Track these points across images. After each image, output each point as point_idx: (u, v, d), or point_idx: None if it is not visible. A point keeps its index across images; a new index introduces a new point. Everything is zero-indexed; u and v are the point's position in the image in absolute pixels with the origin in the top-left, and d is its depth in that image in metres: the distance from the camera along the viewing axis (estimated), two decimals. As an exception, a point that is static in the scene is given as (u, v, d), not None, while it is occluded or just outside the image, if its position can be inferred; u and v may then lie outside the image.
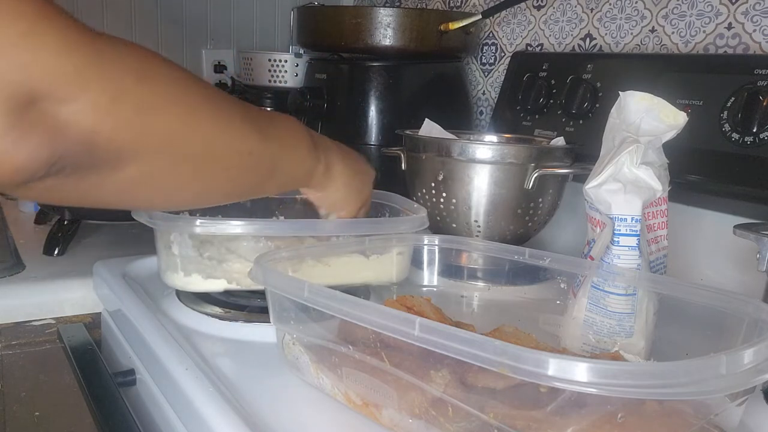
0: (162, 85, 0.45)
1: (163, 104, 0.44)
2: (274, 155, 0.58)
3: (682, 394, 0.38)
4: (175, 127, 0.45)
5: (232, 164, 0.53)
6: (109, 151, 0.41)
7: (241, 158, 0.53)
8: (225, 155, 0.51)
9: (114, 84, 0.40)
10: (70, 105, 0.38)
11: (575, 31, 1.09)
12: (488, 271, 0.79)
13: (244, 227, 0.67)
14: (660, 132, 0.62)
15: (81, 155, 0.40)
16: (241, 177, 0.55)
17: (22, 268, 0.87)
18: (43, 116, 0.37)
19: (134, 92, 0.42)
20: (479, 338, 0.40)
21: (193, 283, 0.69)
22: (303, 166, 0.63)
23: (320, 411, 0.54)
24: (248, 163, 0.55)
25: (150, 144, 0.44)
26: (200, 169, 0.50)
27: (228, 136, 0.51)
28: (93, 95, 0.39)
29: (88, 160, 0.40)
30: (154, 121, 0.44)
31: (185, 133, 0.47)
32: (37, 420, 0.82)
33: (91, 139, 0.39)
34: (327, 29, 1.13)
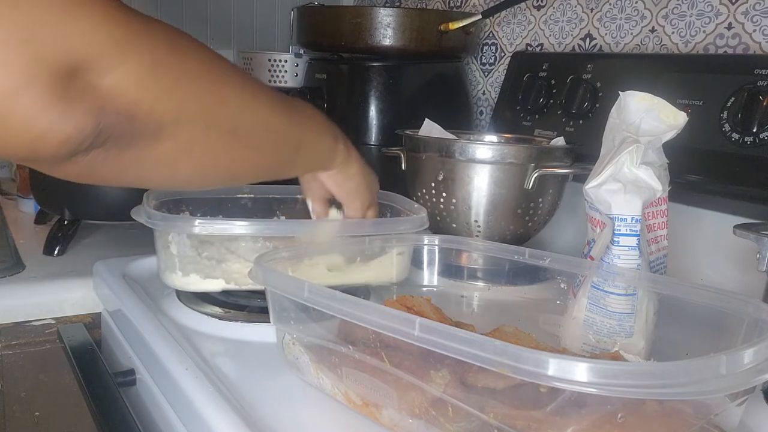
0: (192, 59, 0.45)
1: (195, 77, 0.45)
2: (299, 132, 0.59)
3: (682, 394, 0.38)
4: (207, 100, 0.46)
5: (260, 139, 0.53)
6: (149, 121, 0.42)
7: (269, 134, 0.54)
8: (253, 130, 0.52)
9: (151, 55, 0.41)
10: (111, 75, 0.38)
11: (575, 31, 1.09)
12: (488, 271, 0.79)
13: (243, 227, 0.67)
14: (660, 132, 0.62)
15: (123, 126, 0.40)
16: (269, 152, 0.56)
17: (22, 268, 0.87)
18: (86, 87, 0.37)
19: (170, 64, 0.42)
20: (479, 338, 0.40)
21: (191, 283, 0.69)
22: (326, 145, 0.64)
23: (320, 411, 0.54)
24: (276, 140, 0.56)
25: (185, 114, 0.44)
26: (232, 141, 0.50)
27: (256, 111, 0.52)
28: (133, 66, 0.39)
29: (129, 130, 0.41)
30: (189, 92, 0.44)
31: (217, 106, 0.47)
32: (37, 420, 0.82)
33: (132, 109, 0.40)
34: (327, 29, 1.13)
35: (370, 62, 1.11)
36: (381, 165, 1.08)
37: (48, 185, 0.99)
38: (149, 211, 0.69)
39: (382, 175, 1.07)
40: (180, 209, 0.79)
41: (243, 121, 0.51)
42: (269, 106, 0.54)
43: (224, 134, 0.49)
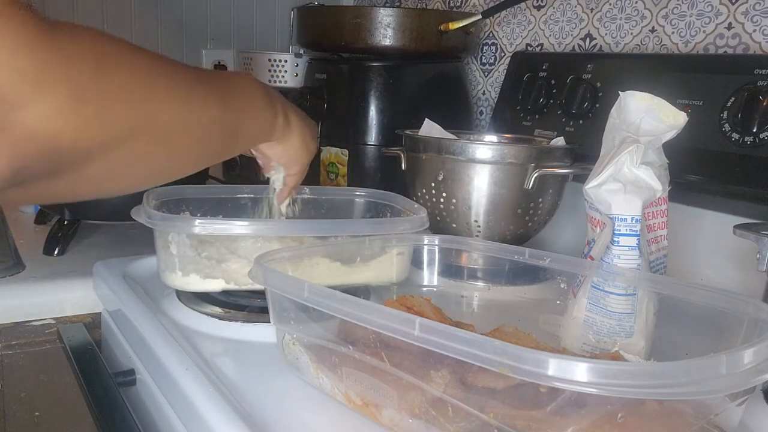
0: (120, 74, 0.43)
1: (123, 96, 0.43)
2: (236, 117, 0.58)
3: (682, 394, 0.38)
4: (136, 115, 0.44)
5: (197, 137, 0.53)
6: (73, 152, 0.39)
7: (205, 129, 0.53)
8: (189, 130, 0.51)
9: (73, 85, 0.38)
10: (29, 110, 0.35)
11: (575, 31, 1.09)
12: (488, 271, 0.79)
13: (242, 227, 0.67)
14: (660, 132, 0.62)
15: (45, 162, 0.38)
16: (207, 146, 0.56)
17: (22, 268, 0.87)
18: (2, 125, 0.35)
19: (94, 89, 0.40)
20: (479, 338, 0.40)
21: (191, 283, 0.69)
22: (265, 121, 0.64)
23: (320, 411, 0.54)
24: (213, 131, 0.55)
25: (113, 136, 0.42)
26: (167, 148, 0.50)
27: (190, 110, 0.51)
28: (54, 97, 0.36)
29: (54, 165, 0.39)
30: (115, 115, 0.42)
31: (148, 118, 0.46)
32: (37, 420, 0.82)
33: (54, 144, 0.37)
34: (327, 29, 1.13)
35: (370, 62, 1.11)
36: (381, 165, 1.09)
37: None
38: (149, 211, 0.69)
39: (382, 175, 1.08)
40: (180, 209, 0.79)
41: (178, 126, 0.49)
42: (204, 99, 0.53)
43: (157, 143, 0.48)
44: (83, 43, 0.40)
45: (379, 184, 0.84)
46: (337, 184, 1.11)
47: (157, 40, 1.53)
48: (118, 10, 1.48)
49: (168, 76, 0.49)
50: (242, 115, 0.60)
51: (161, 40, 1.53)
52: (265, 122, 0.65)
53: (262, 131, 0.65)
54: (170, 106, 0.48)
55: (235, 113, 0.58)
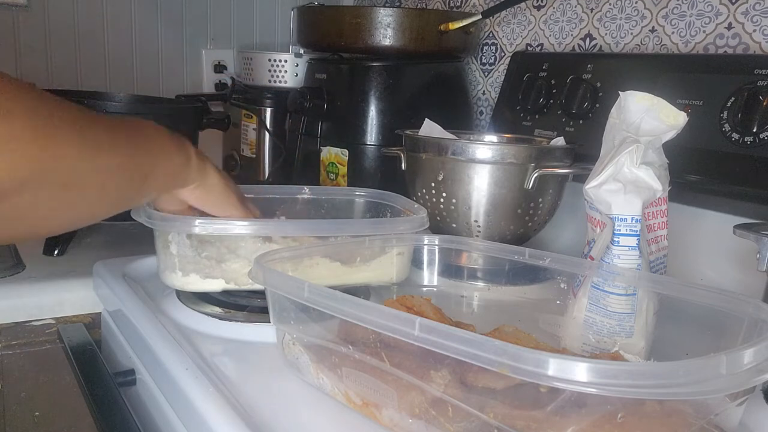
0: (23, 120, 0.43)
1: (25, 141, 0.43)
2: (144, 162, 0.57)
3: (682, 394, 0.38)
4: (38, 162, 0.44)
5: (99, 185, 0.52)
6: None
7: (112, 174, 0.53)
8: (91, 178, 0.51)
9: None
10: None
11: (575, 31, 1.09)
12: (488, 271, 0.79)
13: (243, 227, 0.67)
14: (660, 132, 0.62)
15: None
16: (115, 191, 0.54)
17: (22, 268, 0.87)
18: None
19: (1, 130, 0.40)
20: (479, 338, 0.40)
21: (191, 282, 0.69)
22: (176, 164, 0.62)
23: (320, 411, 0.54)
24: (121, 177, 0.54)
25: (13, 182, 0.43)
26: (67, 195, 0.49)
27: (94, 158, 0.50)
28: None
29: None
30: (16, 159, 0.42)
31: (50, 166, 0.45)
32: (37, 420, 0.82)
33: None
34: (327, 29, 1.13)
35: (370, 62, 1.11)
36: (381, 165, 1.09)
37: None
38: (149, 211, 0.69)
39: (383, 175, 1.08)
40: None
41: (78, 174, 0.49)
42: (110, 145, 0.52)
43: (58, 190, 0.47)
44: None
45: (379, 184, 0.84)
46: (337, 184, 1.11)
47: (157, 40, 1.53)
48: (118, 10, 1.48)
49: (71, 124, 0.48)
50: (152, 158, 0.58)
51: (161, 40, 1.53)
52: (176, 165, 0.62)
53: (176, 173, 0.63)
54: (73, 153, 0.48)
55: (144, 158, 0.57)
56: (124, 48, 1.49)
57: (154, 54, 1.52)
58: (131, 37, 1.50)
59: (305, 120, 1.17)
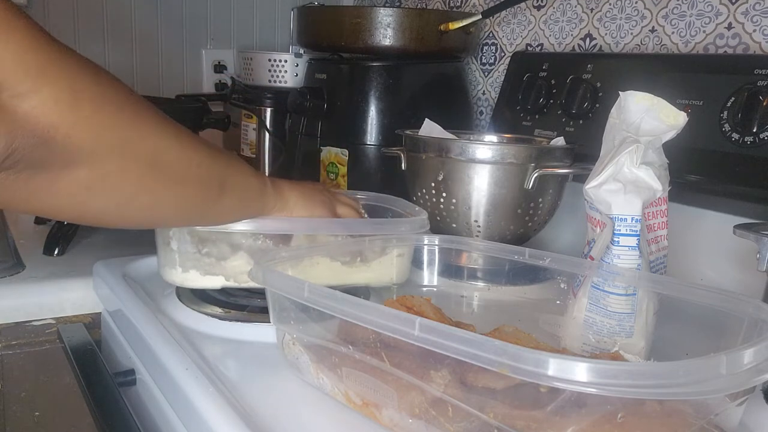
0: (113, 92, 0.46)
1: (116, 108, 0.45)
2: (223, 170, 0.58)
3: (682, 394, 0.38)
4: (127, 131, 0.46)
5: (181, 173, 0.53)
6: (65, 148, 0.42)
7: (191, 168, 0.54)
8: (174, 164, 0.52)
9: (74, 83, 0.41)
10: (31, 99, 0.39)
11: (575, 31, 1.09)
12: (488, 271, 0.79)
13: (243, 225, 0.67)
14: (660, 132, 0.62)
15: (37, 149, 0.40)
16: (190, 188, 0.55)
17: (22, 268, 0.87)
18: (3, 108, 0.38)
19: (90, 94, 0.43)
20: (479, 338, 0.40)
21: (190, 279, 0.69)
22: (254, 186, 0.63)
23: (320, 411, 0.54)
24: (198, 175, 0.55)
25: (103, 144, 0.44)
26: (150, 175, 0.50)
27: (177, 145, 0.52)
28: (53, 92, 0.40)
29: (43, 155, 0.41)
30: (109, 122, 0.44)
31: (137, 138, 0.47)
32: (37, 420, 0.82)
33: (49, 134, 0.40)
34: (327, 29, 1.13)
35: (370, 62, 1.11)
36: (381, 165, 1.09)
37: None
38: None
39: (382, 175, 1.08)
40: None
41: (163, 155, 0.50)
42: (191, 142, 0.54)
43: (143, 167, 0.49)
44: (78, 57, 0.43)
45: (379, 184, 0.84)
46: (337, 185, 1.11)
47: (158, 40, 1.53)
48: (118, 10, 1.48)
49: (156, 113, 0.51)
50: (231, 170, 0.59)
51: (161, 40, 1.53)
52: (253, 186, 0.63)
53: (252, 195, 0.63)
54: (158, 135, 0.50)
55: (224, 166, 0.58)
56: (124, 48, 1.49)
57: (154, 54, 1.52)
58: (131, 37, 1.50)
59: (305, 120, 1.17)
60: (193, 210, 0.58)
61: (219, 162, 0.57)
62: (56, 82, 0.40)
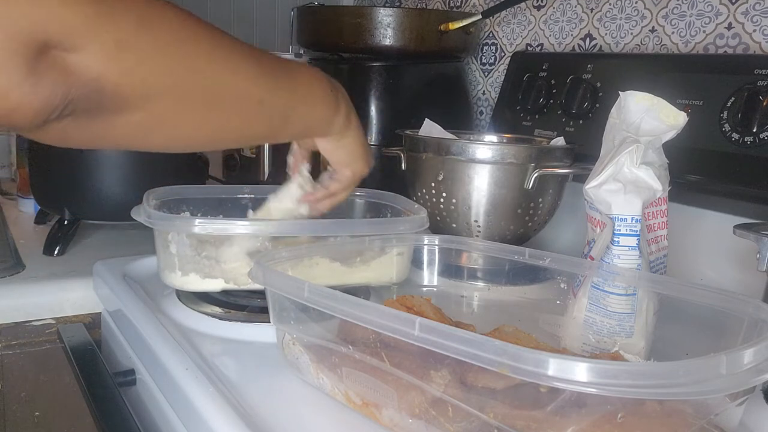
0: (166, 30, 0.46)
1: (168, 50, 0.46)
2: (287, 105, 0.58)
3: (682, 394, 0.38)
4: (180, 73, 0.47)
5: (241, 111, 0.53)
6: (116, 96, 0.43)
7: (251, 105, 0.54)
8: (233, 102, 0.52)
9: (118, 33, 0.42)
10: (78, 52, 0.40)
11: (575, 31, 1.09)
12: (488, 271, 0.79)
13: (243, 227, 0.67)
14: (660, 132, 0.62)
15: (91, 98, 0.42)
16: (251, 123, 0.56)
17: (22, 268, 0.87)
18: (55, 62, 0.40)
19: (138, 40, 0.43)
20: (479, 338, 0.40)
21: (190, 282, 0.69)
22: (320, 116, 0.63)
23: (320, 411, 0.54)
24: (258, 111, 0.55)
25: (155, 90, 0.45)
26: (208, 114, 0.51)
27: (236, 82, 0.52)
28: (99, 44, 0.41)
29: (98, 103, 0.43)
30: (159, 67, 0.45)
31: (188, 78, 0.48)
32: (37, 420, 0.82)
33: (99, 84, 0.42)
34: (327, 29, 1.13)
35: (370, 62, 1.11)
36: (381, 165, 1.08)
37: (48, 185, 0.99)
38: (149, 210, 0.69)
39: (382, 175, 1.08)
40: (180, 209, 0.79)
41: (218, 92, 0.50)
42: (254, 76, 0.53)
43: (198, 106, 0.49)
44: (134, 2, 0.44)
45: (379, 184, 0.84)
46: (337, 184, 1.11)
47: (157, 40, 1.52)
48: (118, 10, 1.48)
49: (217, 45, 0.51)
50: (295, 104, 0.59)
51: (161, 40, 1.53)
52: (321, 115, 0.63)
53: (317, 124, 0.63)
54: (214, 73, 0.50)
55: (287, 101, 0.58)
56: (124, 48, 1.49)
57: (154, 54, 1.52)
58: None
59: (305, 120, 1.17)
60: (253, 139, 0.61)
61: (283, 93, 0.57)
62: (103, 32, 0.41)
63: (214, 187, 0.89)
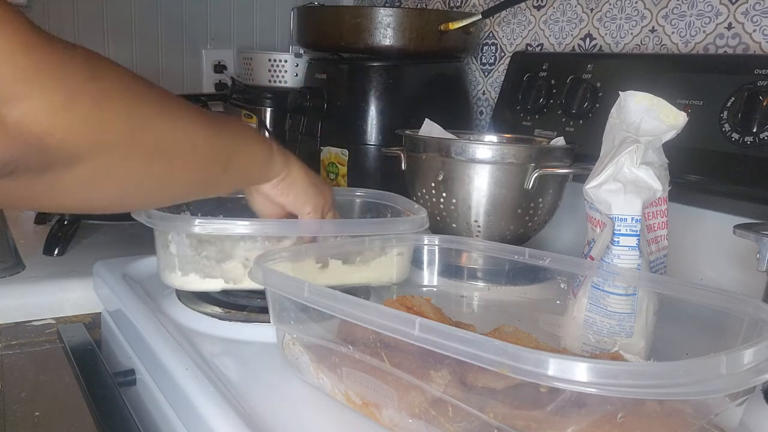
0: (114, 83, 0.44)
1: (116, 102, 0.44)
2: (228, 146, 0.58)
3: (682, 394, 0.38)
4: (126, 124, 0.45)
5: (184, 158, 0.52)
6: (62, 151, 0.40)
7: (194, 150, 0.53)
8: (177, 148, 0.51)
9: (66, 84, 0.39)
10: (21, 105, 0.37)
11: (575, 31, 1.09)
12: (488, 271, 0.79)
13: (242, 227, 0.67)
14: (660, 132, 0.62)
15: (32, 156, 0.39)
16: (195, 170, 0.55)
17: (22, 268, 0.87)
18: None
19: (86, 92, 0.41)
20: (479, 338, 0.40)
21: (190, 282, 0.69)
22: (260, 155, 0.63)
23: (320, 411, 0.54)
24: (202, 155, 0.54)
25: (102, 142, 0.43)
26: (153, 163, 0.49)
27: (179, 129, 0.51)
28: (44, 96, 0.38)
29: (41, 161, 0.40)
30: (107, 118, 0.43)
31: (137, 130, 0.46)
32: (37, 420, 0.82)
33: (43, 141, 0.39)
34: (327, 29, 1.13)
35: (370, 62, 1.11)
36: (381, 165, 1.09)
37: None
38: (149, 210, 0.69)
39: (382, 175, 1.08)
40: (180, 209, 0.79)
41: (165, 142, 0.50)
42: (194, 124, 0.53)
43: (144, 157, 0.48)
44: (76, 52, 0.41)
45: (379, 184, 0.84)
46: (337, 184, 1.11)
47: (157, 40, 1.53)
48: (118, 10, 1.48)
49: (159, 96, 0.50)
50: (236, 145, 0.59)
51: (161, 40, 1.53)
52: (259, 156, 0.63)
53: (258, 165, 0.63)
54: (159, 122, 0.49)
55: (228, 142, 0.57)
56: (124, 48, 1.49)
57: (154, 54, 1.52)
58: (131, 37, 1.50)
59: (305, 120, 1.17)
60: (197, 189, 0.59)
61: (224, 137, 0.57)
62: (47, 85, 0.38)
63: (214, 187, 0.89)
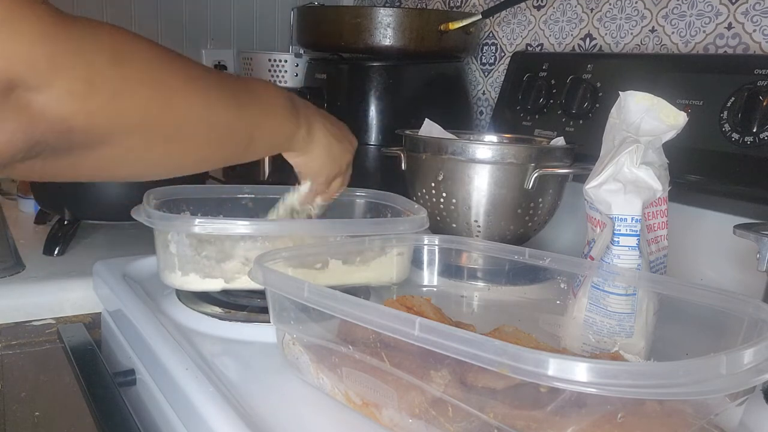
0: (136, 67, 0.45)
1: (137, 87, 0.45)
2: (251, 124, 0.58)
3: (682, 394, 0.38)
4: (148, 109, 0.46)
5: (207, 138, 0.53)
6: (85, 136, 0.42)
7: (217, 131, 0.54)
8: (199, 130, 0.52)
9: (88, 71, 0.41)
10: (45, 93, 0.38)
11: (575, 31, 1.09)
12: (488, 271, 0.79)
13: (243, 227, 0.67)
14: (660, 132, 0.62)
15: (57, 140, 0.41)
16: (217, 148, 0.56)
17: (22, 268, 0.87)
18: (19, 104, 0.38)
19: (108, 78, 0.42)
20: (479, 338, 0.40)
21: (190, 282, 0.69)
22: (282, 132, 0.64)
23: (320, 411, 0.54)
24: (224, 135, 0.55)
25: (123, 127, 0.45)
26: (174, 145, 0.50)
27: (202, 111, 0.52)
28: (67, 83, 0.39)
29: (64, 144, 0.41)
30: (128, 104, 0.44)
31: (159, 114, 0.47)
32: (37, 420, 0.82)
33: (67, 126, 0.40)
34: (327, 29, 1.13)
35: (370, 62, 1.11)
36: (381, 165, 1.09)
37: (48, 185, 0.98)
38: (149, 210, 0.69)
39: (382, 175, 1.08)
40: (180, 209, 0.79)
41: (187, 125, 0.50)
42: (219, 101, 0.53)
43: (166, 139, 0.49)
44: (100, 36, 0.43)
45: (379, 184, 0.84)
46: (337, 184, 1.11)
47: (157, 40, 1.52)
48: (118, 10, 1.48)
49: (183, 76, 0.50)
50: (259, 122, 0.60)
51: (161, 40, 1.53)
52: (282, 132, 0.64)
53: (279, 141, 0.64)
54: (182, 106, 0.49)
55: (251, 120, 0.58)
56: (124, 48, 1.49)
57: (154, 54, 1.52)
58: (131, 37, 1.50)
59: (305, 120, 1.17)
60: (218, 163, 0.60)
61: (246, 115, 0.57)
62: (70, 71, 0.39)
63: (214, 187, 0.89)
